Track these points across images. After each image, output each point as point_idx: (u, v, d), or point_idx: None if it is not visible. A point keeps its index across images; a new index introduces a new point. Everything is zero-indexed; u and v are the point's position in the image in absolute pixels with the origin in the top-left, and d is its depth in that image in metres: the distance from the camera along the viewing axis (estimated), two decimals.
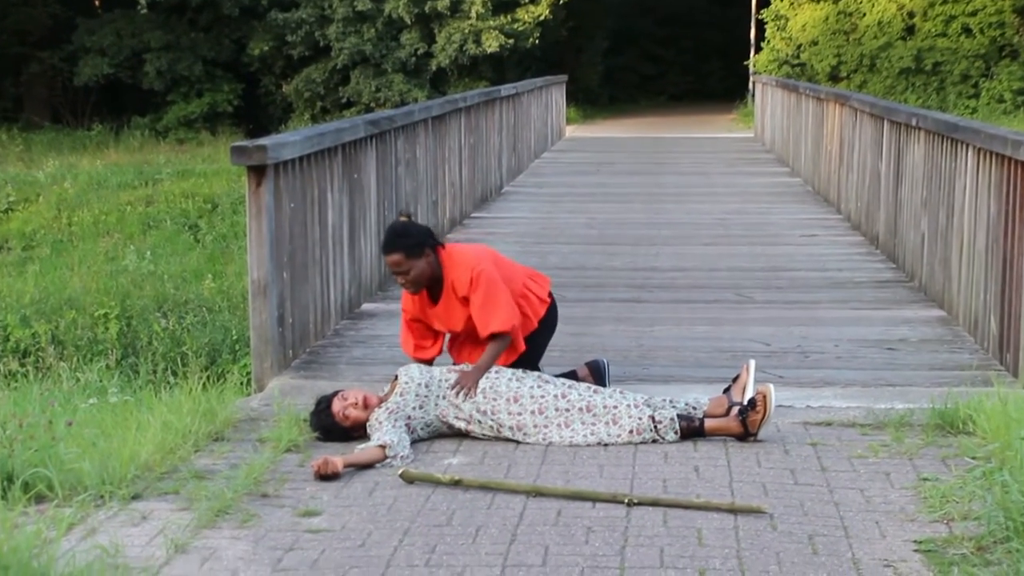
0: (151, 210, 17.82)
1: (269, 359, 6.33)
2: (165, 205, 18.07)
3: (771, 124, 20.23)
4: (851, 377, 6.32)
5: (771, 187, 15.01)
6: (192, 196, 18.48)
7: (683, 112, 33.64)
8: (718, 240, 10.90)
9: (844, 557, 4.08)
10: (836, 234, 11.22)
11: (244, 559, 4.10)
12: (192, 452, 5.20)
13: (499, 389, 5.39)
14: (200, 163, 22.86)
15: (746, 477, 4.89)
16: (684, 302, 8.29)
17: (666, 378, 6.34)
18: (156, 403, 5.72)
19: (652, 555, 4.09)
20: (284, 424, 5.43)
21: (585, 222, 12.13)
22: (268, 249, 6.27)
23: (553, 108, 21.62)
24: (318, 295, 7.17)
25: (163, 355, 9.28)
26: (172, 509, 4.56)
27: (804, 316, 7.78)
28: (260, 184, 6.22)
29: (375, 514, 4.52)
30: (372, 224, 8.42)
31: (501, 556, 4.09)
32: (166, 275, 12.72)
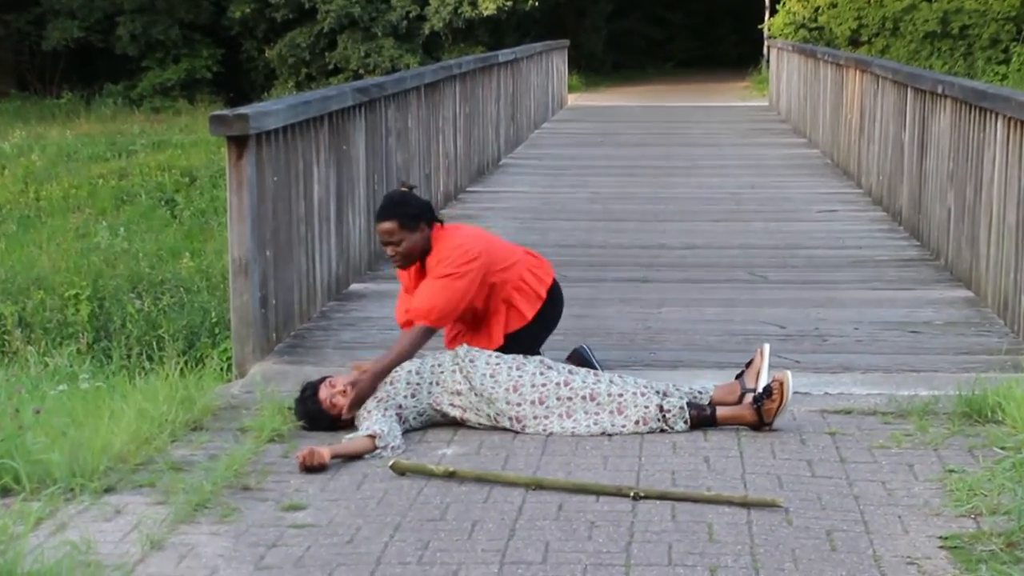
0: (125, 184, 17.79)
1: (251, 343, 6.32)
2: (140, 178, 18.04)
3: (787, 92, 20.20)
4: (872, 362, 6.32)
5: (787, 159, 14.99)
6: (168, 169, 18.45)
7: (693, 79, 33.59)
8: (730, 216, 10.88)
9: (865, 554, 4.08)
10: (856, 209, 11.21)
11: (224, 556, 4.10)
12: (168, 442, 5.20)
13: (499, 378, 5.38)
14: (177, 133, 22.82)
15: (760, 469, 4.89)
16: (694, 282, 8.28)
17: (674, 363, 6.34)
18: (130, 390, 5.71)
19: (659, 552, 4.09)
20: (267, 412, 5.43)
21: (588, 197, 12.12)
22: (250, 225, 6.26)
23: (554, 75, 21.58)
24: (303, 274, 7.16)
25: (138, 339, 9.27)
26: (147, 503, 4.55)
27: (822, 297, 7.77)
28: (241, 156, 6.20)
29: (364, 508, 4.52)
30: (361, 199, 8.41)
31: (499, 553, 4.09)
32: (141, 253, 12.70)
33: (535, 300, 5.84)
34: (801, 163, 14.63)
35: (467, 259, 5.61)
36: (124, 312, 9.91)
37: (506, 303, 5.78)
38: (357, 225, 8.33)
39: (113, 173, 18.65)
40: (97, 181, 17.96)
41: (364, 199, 8.48)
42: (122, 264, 12.09)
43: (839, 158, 13.96)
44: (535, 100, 18.92)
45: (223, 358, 7.71)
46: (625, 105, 24.72)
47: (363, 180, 8.48)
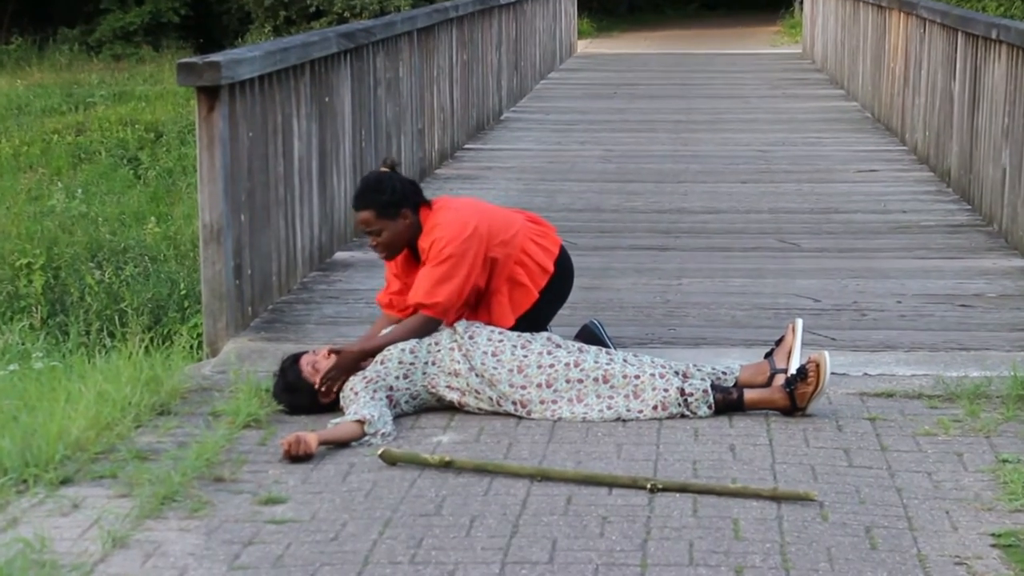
0: (82, 140, 17.77)
1: (224, 318, 6.32)
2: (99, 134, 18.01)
3: (822, 38, 20.14)
4: (917, 339, 6.31)
5: (822, 113, 14.96)
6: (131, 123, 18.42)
7: (717, 24, 33.49)
8: (758, 176, 10.87)
9: (908, 553, 4.09)
10: (899, 169, 11.19)
11: (195, 554, 4.11)
12: (132, 428, 5.20)
13: (502, 357, 5.38)
14: (141, 84, 22.78)
15: (791, 458, 4.89)
16: (717, 250, 8.27)
17: (696, 340, 6.34)
18: (89, 370, 5.71)
19: (679, 550, 4.09)
20: (242, 395, 5.44)
21: (600, 155, 12.10)
22: (222, 186, 6.25)
23: (562, 19, 21.52)
24: (282, 241, 7.16)
25: (97, 313, 9.27)
26: (109, 496, 4.56)
27: (861, 267, 7.76)
28: (212, 109, 6.19)
29: (350, 501, 4.53)
30: (346, 157, 8.39)
31: (500, 551, 4.10)
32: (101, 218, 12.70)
33: (541, 274, 5.80)
34: (838, 117, 14.60)
35: (464, 235, 5.57)
36: (82, 283, 9.91)
37: (510, 281, 5.72)
38: (342, 186, 8.32)
39: (69, 128, 18.62)
40: (51, 137, 17.93)
41: (350, 157, 8.47)
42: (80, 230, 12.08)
43: (880, 112, 13.92)
44: (541, 47, 18.87)
45: (193, 335, 7.71)
46: (641, 53, 24.66)
47: (349, 136, 8.46)
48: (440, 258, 5.55)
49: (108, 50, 28.30)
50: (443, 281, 5.54)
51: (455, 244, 5.56)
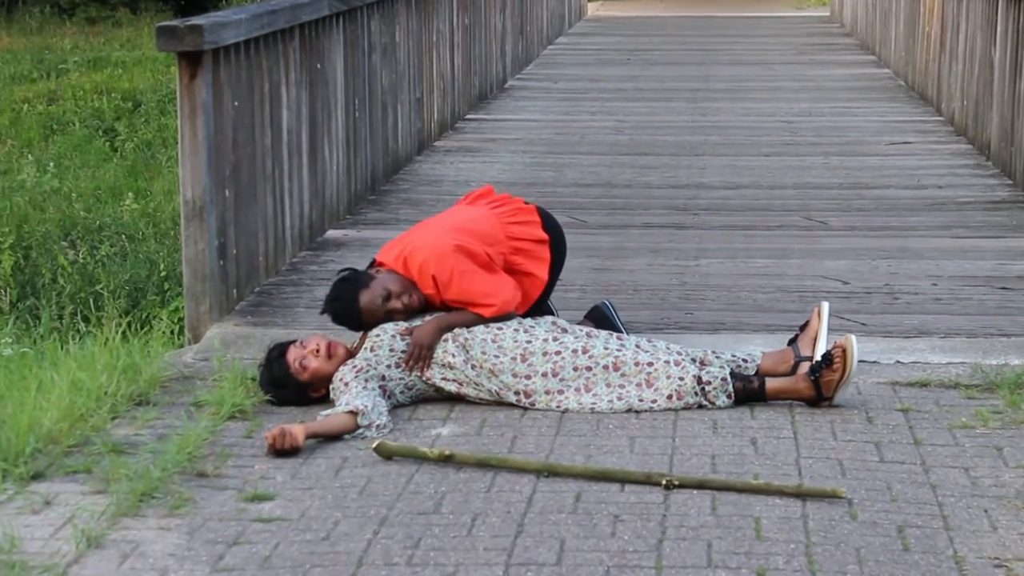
0: (55, 110, 17.75)
1: (207, 301, 6.32)
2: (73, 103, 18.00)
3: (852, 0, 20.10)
4: (954, 324, 6.31)
5: (852, 81, 14.94)
6: (107, 92, 18.40)
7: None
8: (783, 149, 10.85)
9: (943, 554, 4.09)
10: (935, 141, 11.17)
11: (176, 555, 4.12)
12: (109, 420, 5.21)
13: (504, 344, 5.38)
14: (117, 49, 22.75)
15: (818, 453, 4.89)
16: (738, 228, 8.27)
17: (715, 325, 6.34)
18: (62, 357, 5.71)
19: (697, 551, 4.09)
20: (226, 384, 5.44)
21: (612, 126, 12.08)
22: (205, 160, 6.24)
23: None
24: (270, 219, 7.16)
25: (71, 296, 9.27)
26: (83, 492, 4.56)
27: (893, 246, 7.76)
28: (194, 76, 6.19)
29: (343, 498, 4.53)
30: (339, 128, 8.39)
31: (504, 552, 4.10)
32: (74, 193, 12.69)
33: (540, 247, 5.76)
34: (868, 85, 14.57)
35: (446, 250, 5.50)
36: (55, 264, 9.91)
37: (514, 274, 5.69)
38: (334, 160, 8.31)
39: (40, 97, 18.60)
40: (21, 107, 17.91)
41: (343, 128, 8.46)
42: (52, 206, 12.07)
43: (915, 79, 13.89)
44: (548, 10, 18.84)
45: (174, 319, 7.72)
46: (656, 15, 24.62)
47: (341, 105, 8.45)
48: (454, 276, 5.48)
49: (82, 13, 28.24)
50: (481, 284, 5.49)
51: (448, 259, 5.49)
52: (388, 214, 8.72)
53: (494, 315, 5.49)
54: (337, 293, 5.60)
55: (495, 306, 5.50)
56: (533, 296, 5.74)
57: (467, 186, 8.88)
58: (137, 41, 23.50)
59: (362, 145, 8.94)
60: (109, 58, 21.47)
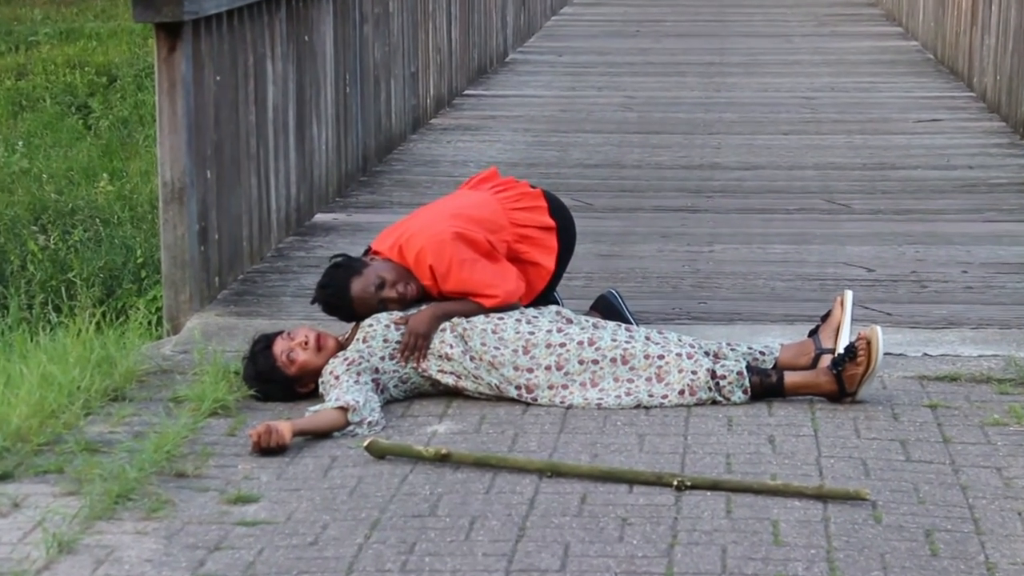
0: (24, 85, 17.75)
1: (187, 289, 6.33)
2: (43, 78, 17.99)
3: None
4: (985, 315, 6.31)
5: (876, 54, 14.92)
6: (80, 66, 18.39)
7: None
8: (803, 127, 10.85)
9: (974, 560, 4.09)
10: (966, 118, 11.17)
11: (153, 561, 4.12)
12: (82, 416, 5.21)
13: (505, 336, 5.38)
14: (91, 20, 22.73)
15: (840, 451, 4.89)
16: (755, 212, 8.27)
17: (730, 316, 6.34)
18: (32, 349, 5.71)
19: (711, 557, 4.09)
20: (208, 378, 5.44)
21: (621, 103, 12.08)
22: (185, 139, 6.24)
23: None
24: (254, 202, 7.15)
25: (41, 284, 9.27)
26: (55, 493, 4.56)
27: (921, 231, 7.76)
28: (174, 49, 6.18)
29: (332, 500, 4.53)
30: (328, 104, 8.38)
31: (504, 558, 4.10)
32: (45, 174, 12.69)
33: (547, 237, 5.75)
34: (894, 59, 14.56)
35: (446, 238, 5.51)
36: (24, 250, 9.91)
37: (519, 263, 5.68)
38: (323, 138, 8.31)
39: (8, 71, 18.59)
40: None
41: (332, 105, 8.45)
42: (21, 188, 12.08)
43: (944, 52, 13.88)
44: None
45: (151, 309, 7.71)
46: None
47: (331, 80, 8.44)
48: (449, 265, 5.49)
49: None
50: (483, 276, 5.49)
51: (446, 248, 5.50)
52: (380, 197, 8.71)
53: (496, 306, 5.49)
54: (328, 279, 5.60)
55: (497, 297, 5.50)
56: (538, 287, 5.73)
57: (465, 166, 8.89)
58: (112, 12, 23.48)
59: (353, 123, 8.93)
60: (82, 30, 21.45)
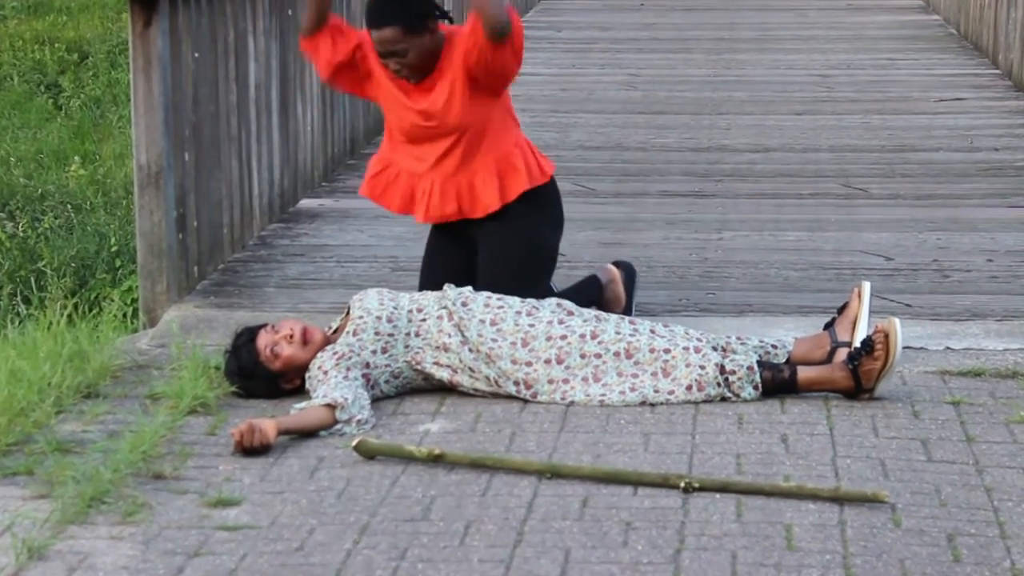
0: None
1: (164, 279, 6.33)
2: (10, 55, 17.98)
3: None
4: (1011, 306, 6.32)
5: (896, 28, 14.92)
6: (50, 42, 18.39)
7: None
8: (818, 107, 10.85)
9: (1000, 566, 4.09)
10: (991, 97, 11.17)
11: (129, 568, 4.12)
12: (53, 414, 5.21)
13: (503, 327, 5.39)
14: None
15: (857, 451, 4.90)
16: (767, 197, 8.27)
17: (740, 307, 6.35)
18: (0, 344, 5.71)
19: (720, 563, 4.10)
20: (186, 374, 5.44)
21: (624, 81, 12.08)
22: (162, 119, 6.24)
23: None
24: (235, 187, 7.16)
25: (10, 274, 9.28)
26: (24, 496, 4.57)
27: (943, 217, 7.76)
28: (149, 23, 6.18)
29: (319, 503, 4.54)
30: (313, 83, 8.38)
31: (502, 564, 4.11)
32: (13, 158, 12.70)
33: (545, 163, 5.94)
34: (915, 34, 14.56)
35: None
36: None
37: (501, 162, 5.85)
38: (308, 119, 8.31)
39: None
40: None
41: (318, 83, 8.45)
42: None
43: (967, 27, 13.88)
44: None
45: (126, 300, 7.73)
46: None
47: None
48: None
49: None
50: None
51: None
52: None
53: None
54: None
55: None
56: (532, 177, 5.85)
57: None
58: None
59: (340, 102, 8.94)
60: (52, 3, 21.42)
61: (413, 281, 6.33)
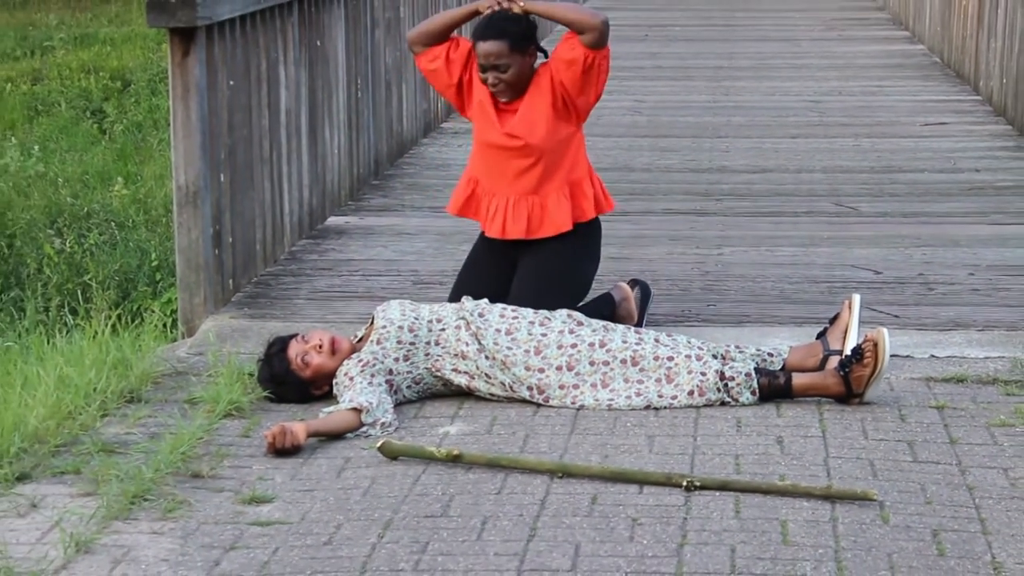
0: (39, 90, 17.77)
1: (201, 292, 6.34)
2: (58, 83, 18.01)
3: None
4: (992, 316, 6.31)
5: (884, 58, 14.91)
6: (95, 71, 18.42)
7: None
8: (811, 131, 10.85)
9: (981, 560, 4.09)
10: (973, 121, 11.15)
11: (169, 561, 4.13)
12: (98, 417, 5.22)
13: (518, 336, 5.39)
14: (105, 25, 22.76)
15: (848, 452, 4.90)
16: (764, 215, 8.26)
17: (739, 318, 6.34)
18: (49, 351, 5.72)
19: (720, 556, 4.10)
20: (222, 380, 5.45)
21: (630, 107, 12.08)
22: (199, 142, 6.25)
23: None
24: (267, 205, 7.16)
25: (58, 287, 9.29)
26: (72, 494, 4.58)
27: (928, 233, 7.75)
28: (187, 53, 6.19)
29: (346, 501, 4.54)
30: (341, 108, 8.39)
31: (516, 557, 4.11)
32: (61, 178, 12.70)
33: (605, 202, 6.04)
34: (902, 63, 14.55)
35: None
36: (40, 253, 9.93)
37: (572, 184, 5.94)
38: (336, 142, 8.32)
39: (24, 76, 18.62)
40: (4, 86, 17.94)
41: (344, 109, 8.46)
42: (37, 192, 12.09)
43: (951, 56, 13.87)
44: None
45: (166, 311, 7.72)
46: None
47: (343, 85, 8.45)
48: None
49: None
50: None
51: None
52: (392, 200, 8.73)
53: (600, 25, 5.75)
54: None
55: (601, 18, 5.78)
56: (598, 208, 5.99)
57: None
58: (126, 16, 23.51)
59: (365, 127, 8.95)
60: (97, 35, 21.47)
61: (434, 293, 6.35)
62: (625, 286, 6.09)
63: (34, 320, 7.74)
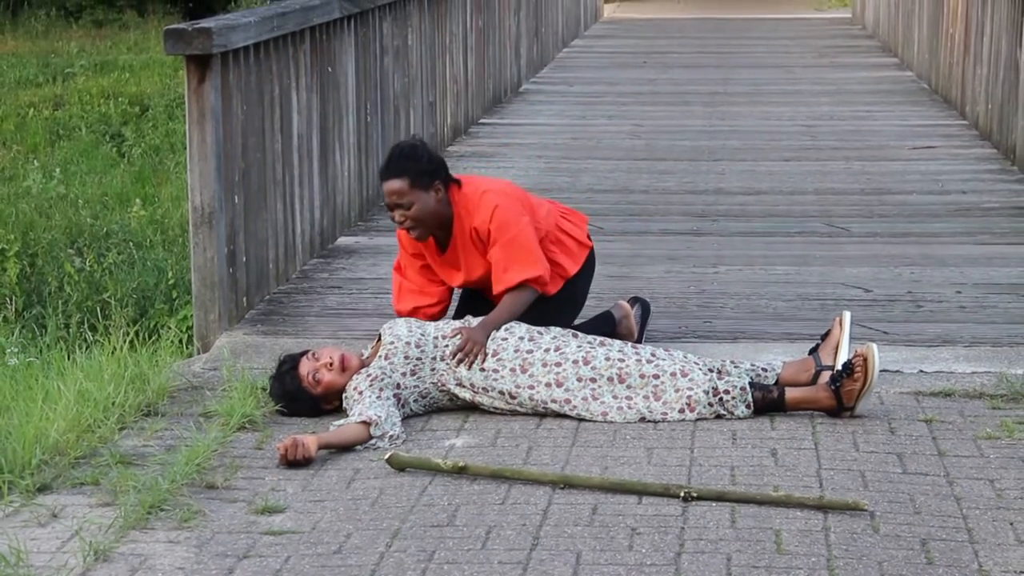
0: (61, 115, 17.80)
1: (216, 309, 6.34)
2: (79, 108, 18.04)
3: (874, 1, 20.09)
4: (978, 333, 6.30)
5: (873, 84, 14.92)
6: (114, 96, 18.45)
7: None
8: (803, 154, 10.85)
9: (968, 568, 4.09)
10: (959, 145, 11.16)
11: (185, 569, 4.13)
12: (116, 430, 5.22)
13: (504, 357, 5.39)
14: (124, 53, 22.81)
15: (839, 464, 4.89)
16: (758, 235, 8.26)
17: (734, 334, 6.34)
18: (69, 367, 5.73)
19: (716, 564, 4.10)
20: (236, 394, 5.45)
21: (629, 131, 12.09)
22: (214, 165, 6.26)
23: None
24: (280, 226, 7.17)
25: (78, 304, 9.29)
26: (91, 504, 4.58)
27: (916, 253, 7.75)
28: (203, 80, 6.20)
29: (355, 511, 4.54)
30: (350, 132, 8.40)
31: (519, 566, 4.11)
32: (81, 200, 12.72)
33: (578, 249, 5.86)
34: (891, 88, 14.56)
35: (518, 207, 5.66)
36: (61, 272, 9.93)
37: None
38: (346, 165, 8.33)
39: (46, 101, 18.65)
40: (26, 111, 17.97)
41: (354, 133, 8.47)
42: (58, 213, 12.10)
43: (938, 82, 13.88)
44: (564, 12, 18.85)
45: (182, 328, 7.73)
46: (674, 18, 24.62)
47: (353, 110, 8.46)
48: (511, 232, 5.59)
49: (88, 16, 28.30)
50: (529, 253, 5.58)
51: (516, 215, 5.62)
52: None
53: (535, 282, 5.55)
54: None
55: (540, 274, 5.57)
56: (551, 288, 5.75)
57: None
58: (144, 44, 23.56)
59: (374, 150, 8.95)
60: (116, 62, 21.51)
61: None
62: (625, 304, 6.09)
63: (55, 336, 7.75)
